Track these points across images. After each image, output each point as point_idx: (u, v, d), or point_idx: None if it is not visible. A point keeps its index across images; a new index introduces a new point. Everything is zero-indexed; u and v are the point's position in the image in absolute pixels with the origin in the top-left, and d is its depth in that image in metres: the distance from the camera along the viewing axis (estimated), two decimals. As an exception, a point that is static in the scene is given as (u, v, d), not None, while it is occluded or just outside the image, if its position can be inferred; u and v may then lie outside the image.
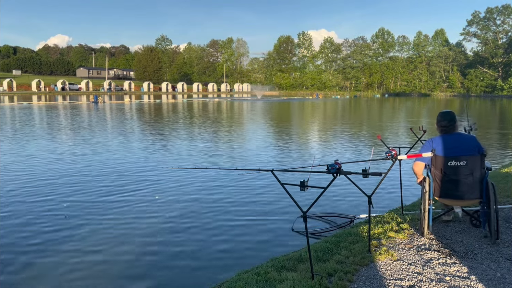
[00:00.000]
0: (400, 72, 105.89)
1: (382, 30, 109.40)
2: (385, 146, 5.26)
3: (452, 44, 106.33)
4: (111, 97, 61.86)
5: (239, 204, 6.97)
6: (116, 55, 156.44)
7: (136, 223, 6.02)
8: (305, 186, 3.15)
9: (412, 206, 5.82)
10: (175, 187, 8.12)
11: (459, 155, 4.16)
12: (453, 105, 50.74)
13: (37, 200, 7.14)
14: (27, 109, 32.42)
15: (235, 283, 3.43)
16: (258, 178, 8.67)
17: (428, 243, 4.15)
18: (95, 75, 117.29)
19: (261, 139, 16.06)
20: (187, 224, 5.95)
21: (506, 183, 6.75)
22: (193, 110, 35.57)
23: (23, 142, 14.21)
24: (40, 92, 71.63)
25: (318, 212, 6.24)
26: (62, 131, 17.96)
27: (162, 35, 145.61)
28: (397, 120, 26.86)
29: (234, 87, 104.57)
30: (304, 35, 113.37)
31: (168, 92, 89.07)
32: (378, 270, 3.53)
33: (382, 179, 3.72)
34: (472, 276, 3.39)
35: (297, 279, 3.31)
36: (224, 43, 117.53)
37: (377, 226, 4.73)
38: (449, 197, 4.30)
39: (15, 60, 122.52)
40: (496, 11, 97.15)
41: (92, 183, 8.33)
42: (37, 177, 8.83)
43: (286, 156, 11.92)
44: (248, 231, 5.71)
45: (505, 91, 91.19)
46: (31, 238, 5.41)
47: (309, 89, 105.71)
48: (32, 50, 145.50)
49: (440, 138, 4.35)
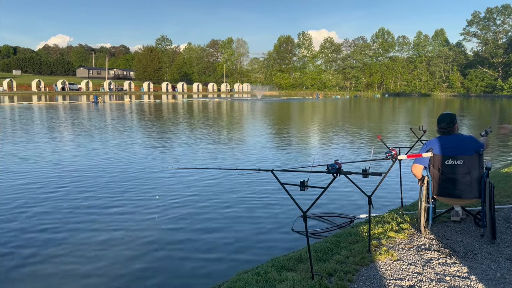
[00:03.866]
0: (400, 72, 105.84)
1: (382, 30, 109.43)
2: (385, 146, 5.26)
3: (452, 44, 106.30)
4: (111, 97, 61.84)
5: (239, 204, 6.97)
6: (116, 55, 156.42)
7: (136, 223, 6.02)
8: (305, 186, 3.15)
9: (412, 206, 5.83)
10: (175, 187, 8.12)
11: (456, 154, 4.24)
12: (453, 105, 50.73)
13: (37, 200, 7.14)
14: (27, 109, 32.42)
15: (235, 283, 3.42)
16: (258, 178, 8.67)
17: (428, 243, 4.15)
18: (95, 75, 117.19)
19: (261, 139, 16.05)
20: (187, 224, 5.96)
21: (506, 183, 6.75)
22: (193, 110, 35.56)
23: (23, 142, 14.20)
24: (40, 92, 71.59)
25: (318, 212, 6.24)
26: (62, 131, 17.95)
27: (162, 35, 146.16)
28: (397, 120, 26.86)
29: (234, 87, 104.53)
30: (304, 35, 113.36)
31: (168, 92, 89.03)
32: (378, 270, 3.53)
33: (382, 179, 3.73)
34: (472, 276, 3.39)
35: (297, 279, 3.31)
36: (224, 43, 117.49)
37: (377, 226, 4.73)
38: (447, 195, 4.39)
39: (15, 60, 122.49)
40: (496, 11, 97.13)
41: (91, 183, 8.33)
42: (37, 177, 8.83)
43: (286, 156, 11.91)
44: (248, 231, 5.72)
45: (505, 91, 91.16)
46: (31, 238, 5.41)
47: (309, 89, 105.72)
48: (32, 50, 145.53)
49: (438, 139, 4.46)
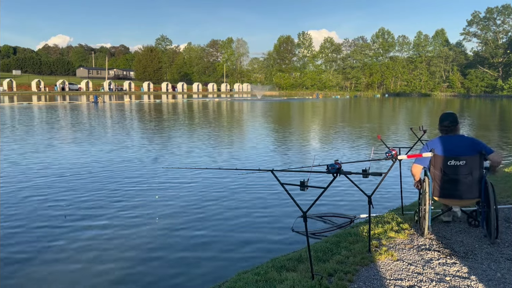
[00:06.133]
0: (400, 72, 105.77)
1: (382, 30, 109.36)
2: (385, 146, 5.26)
3: (452, 44, 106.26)
4: (111, 97, 61.83)
5: (239, 204, 6.96)
6: (116, 55, 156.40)
7: (136, 223, 6.02)
8: (305, 186, 3.15)
9: (412, 206, 5.82)
10: (175, 187, 8.12)
11: (459, 155, 4.22)
12: (453, 105, 50.73)
13: (37, 200, 7.14)
14: (27, 109, 32.41)
15: (235, 283, 3.42)
16: (258, 178, 8.67)
17: (428, 243, 4.15)
18: (95, 75, 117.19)
19: (261, 139, 16.05)
20: (187, 224, 5.96)
21: (506, 183, 6.75)
22: (193, 110, 35.56)
23: (23, 142, 14.20)
24: (40, 92, 71.60)
25: (318, 212, 6.24)
26: (61, 131, 17.95)
27: (162, 35, 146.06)
28: (397, 120, 26.86)
29: (234, 87, 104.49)
30: (304, 35, 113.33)
31: (168, 92, 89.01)
32: (378, 270, 3.53)
33: (382, 179, 3.73)
34: (472, 276, 3.39)
35: (297, 279, 3.31)
36: (224, 43, 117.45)
37: (377, 226, 4.73)
38: (448, 197, 4.35)
39: (15, 60, 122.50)
40: (496, 11, 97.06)
41: (91, 183, 8.33)
42: (36, 178, 8.82)
43: (286, 156, 11.91)
44: (248, 231, 5.71)
45: (505, 91, 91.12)
46: (31, 238, 5.41)
47: (309, 89, 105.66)
48: (32, 50, 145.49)
49: (440, 139, 4.43)
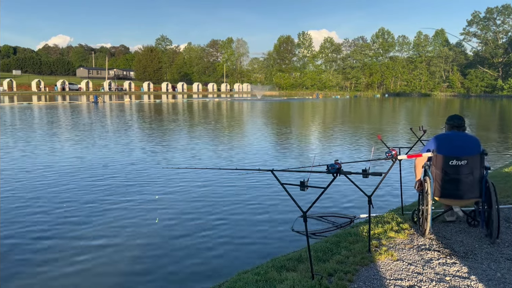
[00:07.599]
0: (400, 72, 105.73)
1: (382, 30, 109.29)
2: (385, 146, 5.26)
3: (452, 44, 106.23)
4: (111, 97, 61.83)
5: (239, 204, 6.96)
6: (116, 55, 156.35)
7: (136, 223, 6.02)
8: (305, 186, 3.15)
9: (412, 206, 5.82)
10: (175, 187, 8.12)
11: (461, 154, 4.20)
12: (454, 105, 50.72)
13: (37, 200, 7.14)
14: (27, 109, 32.41)
15: (235, 283, 3.42)
16: (258, 178, 8.67)
17: (428, 243, 4.15)
18: (95, 75, 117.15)
19: (261, 139, 16.06)
20: (187, 224, 5.96)
21: (506, 183, 6.75)
22: (193, 110, 35.56)
23: (23, 142, 14.20)
24: (40, 92, 71.59)
25: (318, 212, 6.24)
26: (61, 131, 17.95)
27: (162, 35, 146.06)
28: (397, 120, 26.85)
29: (234, 87, 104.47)
30: (304, 35, 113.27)
31: (168, 92, 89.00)
32: (378, 270, 3.53)
33: (382, 179, 3.72)
34: (472, 276, 3.39)
35: (297, 279, 3.31)
36: (224, 43, 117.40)
37: (377, 226, 4.73)
38: (449, 196, 4.33)
39: (15, 60, 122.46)
40: (496, 11, 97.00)
41: (91, 183, 8.33)
42: (36, 178, 8.83)
43: (286, 156, 11.91)
44: (248, 231, 5.72)
45: (505, 91, 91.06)
46: (31, 238, 5.42)
47: (309, 89, 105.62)
48: (32, 50, 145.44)
49: (442, 138, 4.38)
